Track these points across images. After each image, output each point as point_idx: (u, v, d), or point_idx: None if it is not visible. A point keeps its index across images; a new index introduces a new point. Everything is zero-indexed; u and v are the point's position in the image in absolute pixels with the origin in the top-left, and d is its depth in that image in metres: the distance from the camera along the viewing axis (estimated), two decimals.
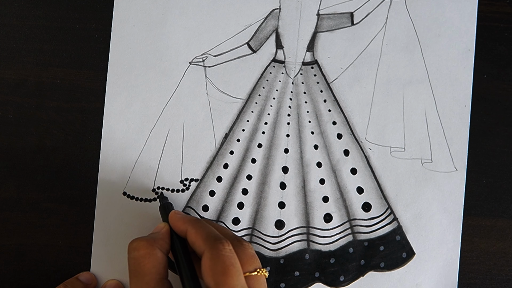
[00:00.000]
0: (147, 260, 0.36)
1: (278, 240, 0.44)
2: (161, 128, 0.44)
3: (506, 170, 0.44)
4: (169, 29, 0.45)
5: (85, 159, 0.44)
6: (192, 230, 0.37)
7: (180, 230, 0.38)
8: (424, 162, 0.44)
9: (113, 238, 0.44)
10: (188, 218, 0.39)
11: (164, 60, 0.44)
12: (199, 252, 0.36)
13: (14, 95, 0.45)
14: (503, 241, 0.44)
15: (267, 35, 0.45)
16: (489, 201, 0.44)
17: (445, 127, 0.44)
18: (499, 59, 0.44)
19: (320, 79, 0.44)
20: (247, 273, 0.35)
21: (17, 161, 0.44)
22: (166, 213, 0.41)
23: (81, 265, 0.44)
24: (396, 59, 0.44)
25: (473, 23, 0.44)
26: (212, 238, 0.36)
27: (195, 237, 0.37)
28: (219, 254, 0.34)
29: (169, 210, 0.41)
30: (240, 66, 0.44)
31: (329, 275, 0.44)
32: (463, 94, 0.44)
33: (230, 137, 0.44)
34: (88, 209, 0.44)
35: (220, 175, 0.44)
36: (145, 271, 0.36)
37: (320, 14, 0.44)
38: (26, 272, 0.44)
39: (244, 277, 0.35)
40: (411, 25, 0.44)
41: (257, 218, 0.44)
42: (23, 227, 0.44)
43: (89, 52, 0.45)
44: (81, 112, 0.45)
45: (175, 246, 0.39)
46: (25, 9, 0.45)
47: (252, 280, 0.35)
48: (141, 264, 0.36)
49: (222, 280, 0.33)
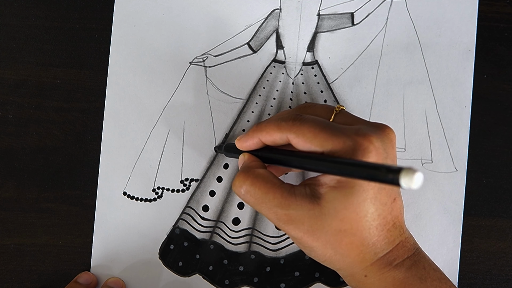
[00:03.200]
0: (259, 183, 0.35)
1: (278, 240, 0.44)
2: (161, 128, 0.44)
3: (506, 170, 0.44)
4: (169, 29, 0.44)
5: (85, 159, 0.44)
6: (296, 132, 0.35)
7: (278, 138, 0.36)
8: (425, 163, 0.44)
9: (113, 238, 0.44)
10: (273, 127, 0.37)
11: (164, 60, 0.44)
12: (322, 147, 0.34)
13: (14, 95, 0.45)
14: (503, 241, 0.44)
15: (268, 35, 0.45)
16: (489, 201, 0.44)
17: (446, 128, 0.44)
18: (499, 59, 0.44)
19: (320, 80, 0.44)
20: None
21: (17, 161, 0.44)
22: (233, 148, 0.39)
23: (81, 265, 0.44)
24: (396, 59, 0.44)
25: (473, 23, 0.44)
26: (348, 130, 0.34)
27: (314, 135, 0.34)
28: (384, 138, 0.34)
29: (233, 145, 0.39)
30: (240, 66, 0.44)
31: (329, 275, 0.44)
32: (463, 95, 0.44)
33: (230, 137, 0.44)
34: (88, 209, 0.44)
35: (220, 175, 0.44)
36: (263, 191, 0.35)
37: (321, 15, 0.44)
38: (26, 272, 0.44)
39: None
40: (412, 26, 0.44)
41: (257, 218, 0.44)
42: (23, 227, 0.44)
43: (89, 52, 0.45)
44: (81, 112, 0.45)
45: (265, 156, 0.38)
46: (25, 9, 0.45)
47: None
48: (256, 191, 0.35)
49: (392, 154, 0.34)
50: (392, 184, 0.26)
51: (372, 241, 0.34)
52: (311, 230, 0.34)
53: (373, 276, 0.35)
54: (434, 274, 0.35)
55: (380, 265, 0.34)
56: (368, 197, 0.33)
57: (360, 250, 0.34)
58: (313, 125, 0.34)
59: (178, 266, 0.44)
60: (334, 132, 0.34)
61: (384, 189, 0.34)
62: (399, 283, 0.34)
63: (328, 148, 0.33)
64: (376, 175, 0.27)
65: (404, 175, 0.25)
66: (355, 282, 0.36)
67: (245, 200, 0.36)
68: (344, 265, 0.35)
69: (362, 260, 0.34)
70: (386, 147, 0.34)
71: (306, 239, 0.34)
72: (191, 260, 0.44)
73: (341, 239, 0.34)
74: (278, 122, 0.36)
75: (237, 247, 0.44)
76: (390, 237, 0.34)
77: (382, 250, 0.34)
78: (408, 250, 0.35)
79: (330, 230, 0.33)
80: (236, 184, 0.36)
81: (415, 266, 0.35)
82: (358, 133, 0.33)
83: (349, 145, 0.33)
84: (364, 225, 0.33)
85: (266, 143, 0.37)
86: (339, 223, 0.33)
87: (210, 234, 0.44)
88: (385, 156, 0.33)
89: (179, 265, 0.44)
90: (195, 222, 0.44)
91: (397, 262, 0.35)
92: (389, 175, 0.26)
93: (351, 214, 0.33)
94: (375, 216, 0.33)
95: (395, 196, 0.35)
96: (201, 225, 0.44)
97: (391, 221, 0.35)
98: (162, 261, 0.44)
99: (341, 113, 0.38)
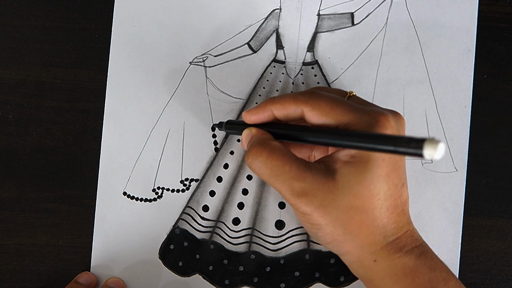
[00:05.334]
0: (275, 155, 0.35)
1: (278, 240, 0.44)
2: (161, 128, 0.44)
3: (506, 170, 0.44)
4: (169, 29, 0.44)
5: (85, 159, 0.44)
6: (312, 105, 0.35)
7: (292, 111, 0.36)
8: (425, 163, 0.44)
9: (113, 238, 0.44)
10: (286, 100, 0.37)
11: (164, 60, 0.44)
12: (338, 121, 0.34)
13: (14, 95, 0.45)
14: (503, 241, 0.44)
15: (268, 35, 0.45)
16: (489, 201, 0.44)
17: (446, 128, 0.44)
18: (499, 59, 0.44)
19: (320, 79, 0.44)
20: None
21: (17, 161, 0.44)
22: (239, 124, 0.39)
23: (81, 265, 0.44)
24: (396, 59, 0.44)
25: (473, 23, 0.44)
26: (365, 110, 0.34)
27: (331, 108, 0.34)
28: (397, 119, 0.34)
29: (236, 121, 0.39)
30: (240, 66, 0.44)
31: (329, 275, 0.44)
32: (463, 95, 0.44)
33: (230, 137, 0.44)
34: (88, 209, 0.44)
35: (220, 175, 0.44)
36: (280, 163, 0.34)
37: (321, 15, 0.44)
38: (26, 272, 0.44)
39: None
40: (412, 26, 0.44)
41: (257, 218, 0.44)
42: (23, 227, 0.44)
43: (89, 52, 0.45)
44: (81, 112, 0.45)
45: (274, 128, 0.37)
46: (25, 9, 0.45)
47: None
48: (273, 163, 0.35)
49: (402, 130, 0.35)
50: (415, 155, 0.25)
51: (383, 222, 0.34)
52: (323, 205, 0.33)
53: (382, 261, 0.34)
54: (442, 266, 0.35)
55: (390, 250, 0.34)
56: (382, 174, 0.33)
57: (370, 230, 0.34)
58: (330, 99, 0.34)
59: (178, 266, 0.44)
60: (351, 107, 0.34)
61: (397, 170, 0.34)
62: (409, 271, 0.34)
63: (344, 121, 0.33)
64: (398, 146, 0.27)
65: (428, 145, 0.24)
66: (362, 269, 0.36)
67: (259, 173, 0.35)
68: (353, 247, 0.35)
69: (372, 242, 0.34)
70: (400, 130, 0.34)
71: (316, 214, 0.34)
72: (191, 260, 0.44)
73: (352, 216, 0.33)
74: (295, 95, 0.36)
75: (237, 247, 0.44)
76: (399, 222, 0.34)
77: (392, 235, 0.34)
78: (416, 240, 0.35)
79: (342, 205, 0.33)
80: (251, 156, 0.35)
81: (423, 255, 0.35)
82: (375, 111, 0.34)
83: (366, 119, 0.33)
84: (376, 203, 0.33)
85: (278, 117, 0.37)
86: (352, 199, 0.33)
87: (210, 234, 0.44)
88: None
89: (179, 265, 0.44)
90: (195, 222, 0.44)
91: (406, 249, 0.35)
92: (412, 145, 0.25)
93: (364, 191, 0.33)
94: (387, 195, 0.33)
95: (404, 182, 0.35)
96: (201, 225, 0.44)
97: (401, 206, 0.35)
98: (162, 261, 0.44)
99: (354, 97, 0.38)
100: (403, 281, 0.34)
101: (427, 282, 0.34)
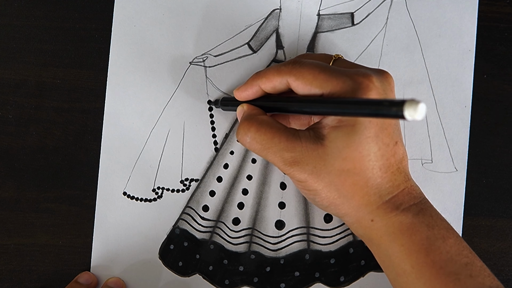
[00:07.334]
0: (264, 129, 0.35)
1: (278, 240, 0.44)
2: (161, 128, 0.44)
3: (506, 170, 0.44)
4: (169, 29, 0.44)
5: (85, 159, 0.44)
6: (296, 75, 0.35)
7: (278, 82, 0.36)
8: (425, 163, 0.44)
9: (113, 238, 0.44)
10: (271, 72, 0.37)
11: (164, 60, 0.44)
12: (322, 88, 0.34)
13: (14, 95, 0.45)
14: (503, 241, 0.44)
15: (268, 35, 0.45)
16: (489, 201, 0.44)
17: (446, 128, 0.44)
18: (499, 59, 0.44)
19: None
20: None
21: (17, 161, 0.44)
22: (233, 101, 0.40)
23: (81, 265, 0.44)
24: (396, 59, 0.44)
25: (473, 23, 0.44)
26: (350, 72, 0.34)
27: (314, 76, 0.34)
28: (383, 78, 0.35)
29: (231, 98, 0.40)
30: (240, 66, 0.44)
31: (329, 275, 0.44)
32: (463, 95, 0.44)
33: (230, 137, 0.44)
34: (88, 209, 0.44)
35: (220, 175, 0.44)
36: (269, 136, 0.35)
37: (321, 15, 0.44)
38: (26, 272, 0.44)
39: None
40: (412, 26, 0.44)
41: (257, 218, 0.44)
42: (23, 227, 0.44)
43: (89, 52, 0.45)
44: (81, 112, 0.45)
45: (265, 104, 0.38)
46: (25, 9, 0.45)
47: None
48: (262, 137, 0.35)
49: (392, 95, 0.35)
50: (396, 117, 0.26)
51: (377, 182, 0.34)
52: (316, 171, 0.34)
53: (379, 220, 0.35)
54: (441, 224, 0.35)
55: (386, 209, 0.34)
56: (370, 135, 0.33)
57: (364, 191, 0.34)
58: (312, 67, 0.34)
59: (178, 266, 0.44)
60: (334, 73, 0.34)
61: (386, 129, 0.34)
62: (406, 228, 0.34)
63: (328, 89, 0.33)
64: (379, 110, 0.27)
65: (408, 106, 0.24)
66: (362, 229, 0.36)
67: (251, 148, 0.36)
68: (350, 209, 0.35)
69: (367, 203, 0.34)
70: (386, 89, 0.34)
71: (311, 181, 0.34)
72: (191, 260, 0.44)
73: (345, 180, 0.34)
74: (278, 67, 0.36)
75: (237, 247, 0.44)
76: (394, 180, 0.35)
77: (387, 194, 0.34)
78: (414, 198, 0.35)
79: (333, 170, 0.34)
80: (240, 133, 0.36)
81: (422, 213, 0.35)
82: (358, 73, 0.34)
83: (349, 84, 0.33)
84: (368, 164, 0.33)
85: (266, 90, 0.37)
86: (342, 163, 0.33)
87: (210, 234, 0.44)
88: (385, 97, 0.34)
89: (179, 265, 0.44)
90: (195, 222, 0.44)
91: (403, 207, 0.35)
92: (393, 108, 0.25)
93: (353, 153, 0.33)
94: (378, 156, 0.33)
95: (397, 140, 0.35)
96: (201, 225, 0.44)
97: (395, 164, 0.35)
98: (162, 261, 0.44)
99: (339, 60, 0.38)
100: (400, 239, 0.34)
101: (425, 239, 0.34)
